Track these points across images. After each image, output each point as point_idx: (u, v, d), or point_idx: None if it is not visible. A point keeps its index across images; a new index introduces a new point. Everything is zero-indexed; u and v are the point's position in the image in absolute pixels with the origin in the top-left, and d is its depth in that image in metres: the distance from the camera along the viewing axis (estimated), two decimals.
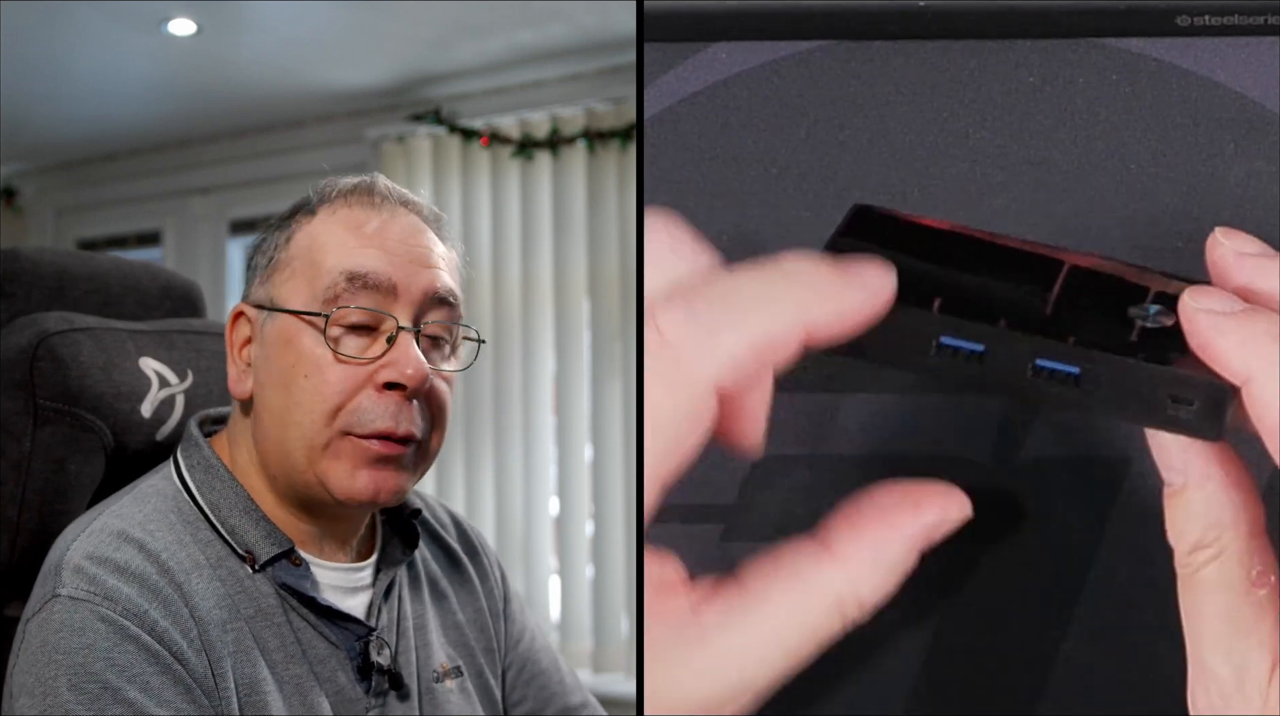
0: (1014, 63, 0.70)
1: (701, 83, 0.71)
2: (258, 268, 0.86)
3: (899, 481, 0.60)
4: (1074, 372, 0.59)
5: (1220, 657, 0.59)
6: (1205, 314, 0.58)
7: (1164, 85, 0.70)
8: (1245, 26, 0.69)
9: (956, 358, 0.60)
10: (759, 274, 0.59)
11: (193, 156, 3.61)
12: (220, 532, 0.82)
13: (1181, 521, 0.60)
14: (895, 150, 0.71)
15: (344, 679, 0.83)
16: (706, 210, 0.71)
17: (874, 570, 0.58)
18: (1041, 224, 0.70)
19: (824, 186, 0.71)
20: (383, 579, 0.89)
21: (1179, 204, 0.70)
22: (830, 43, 0.71)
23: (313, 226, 0.84)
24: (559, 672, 1.02)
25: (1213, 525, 0.59)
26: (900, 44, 0.70)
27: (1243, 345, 0.57)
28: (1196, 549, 0.59)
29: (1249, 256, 0.60)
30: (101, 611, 0.74)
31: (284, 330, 0.82)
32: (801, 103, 0.71)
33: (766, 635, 0.58)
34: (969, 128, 0.70)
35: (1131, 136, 0.70)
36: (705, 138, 0.71)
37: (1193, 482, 0.60)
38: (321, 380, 0.80)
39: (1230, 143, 0.70)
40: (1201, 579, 0.59)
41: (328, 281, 0.81)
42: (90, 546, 0.77)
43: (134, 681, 0.73)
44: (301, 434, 0.81)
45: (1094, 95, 0.70)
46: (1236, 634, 0.58)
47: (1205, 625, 0.59)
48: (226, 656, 0.78)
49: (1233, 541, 0.59)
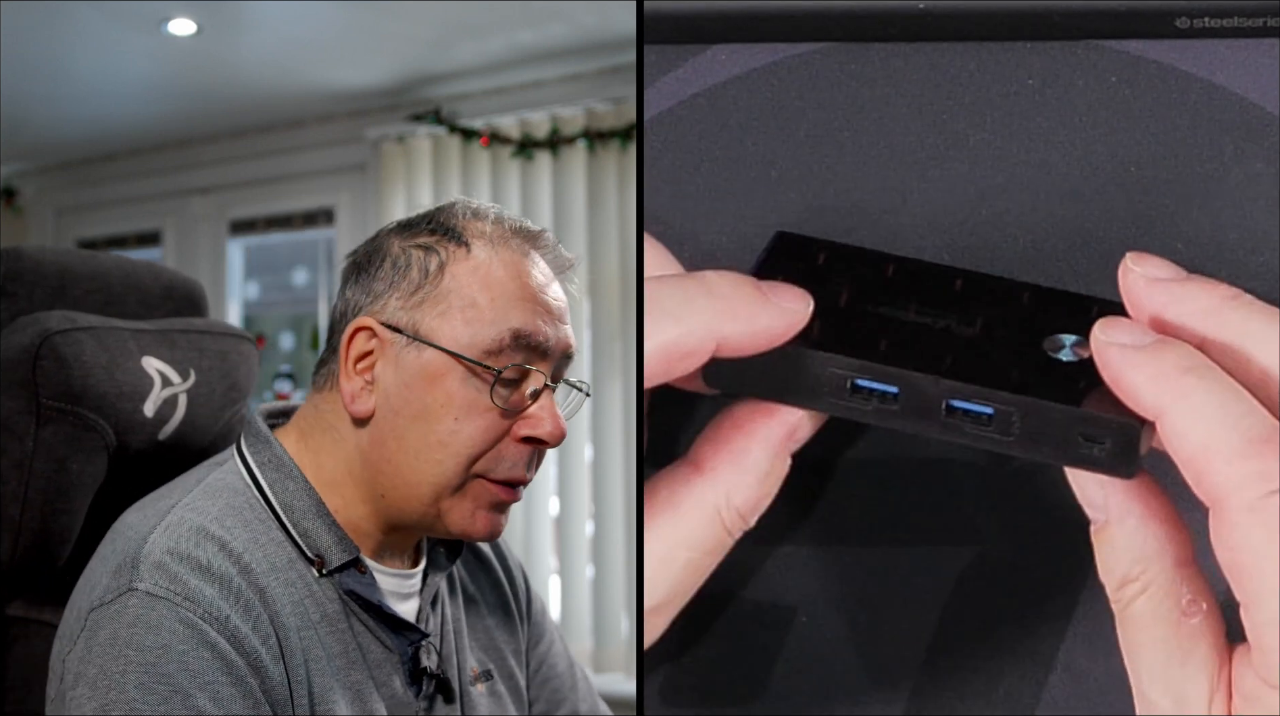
0: (1013, 65, 0.70)
1: (701, 84, 0.71)
2: (391, 284, 0.83)
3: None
4: (987, 413, 0.60)
5: (1159, 689, 0.59)
6: (1116, 348, 0.59)
7: (1163, 87, 0.70)
8: (1244, 29, 0.70)
9: (871, 398, 0.61)
10: (681, 284, 0.63)
11: (193, 156, 3.61)
12: (291, 534, 0.82)
13: (1108, 558, 0.60)
14: (895, 152, 0.71)
15: (398, 683, 0.84)
16: (706, 211, 0.71)
17: (741, 476, 0.63)
18: (1041, 225, 0.70)
19: (824, 188, 0.71)
20: (430, 585, 0.89)
21: (1179, 206, 0.70)
22: (830, 45, 0.71)
23: (472, 265, 0.83)
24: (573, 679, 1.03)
25: (1137, 559, 0.60)
26: (899, 46, 0.70)
27: (1154, 381, 0.58)
28: (1124, 584, 0.60)
29: (1160, 282, 0.60)
30: (181, 612, 0.73)
31: (433, 365, 0.81)
32: (801, 105, 0.71)
33: (661, 554, 0.64)
34: (968, 130, 0.71)
35: (1131, 138, 0.70)
36: (705, 139, 0.71)
37: (1113, 519, 0.60)
38: (472, 426, 0.81)
39: (1230, 145, 0.70)
40: (1133, 613, 0.60)
41: (493, 333, 0.81)
42: (170, 541, 0.76)
43: (205, 689, 0.72)
44: (441, 472, 0.81)
45: (1094, 97, 0.70)
46: (1171, 664, 0.59)
47: (1142, 658, 0.60)
48: (301, 663, 0.78)
49: (1159, 574, 0.59)
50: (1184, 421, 0.57)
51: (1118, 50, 0.70)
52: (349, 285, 0.86)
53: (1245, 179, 0.70)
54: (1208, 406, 0.57)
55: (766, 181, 0.71)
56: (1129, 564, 0.60)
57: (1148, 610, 0.59)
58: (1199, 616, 0.59)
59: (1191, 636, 0.59)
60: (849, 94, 0.71)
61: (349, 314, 0.84)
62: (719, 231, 0.71)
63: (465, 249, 0.83)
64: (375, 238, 0.87)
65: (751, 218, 0.71)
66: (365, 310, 0.83)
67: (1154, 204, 0.70)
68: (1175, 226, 0.70)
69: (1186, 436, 0.57)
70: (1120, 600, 0.60)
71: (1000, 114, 0.71)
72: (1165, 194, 0.70)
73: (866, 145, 0.71)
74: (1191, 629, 0.59)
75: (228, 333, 1.02)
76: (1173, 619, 0.59)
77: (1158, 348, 0.59)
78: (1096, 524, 0.61)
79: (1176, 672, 0.59)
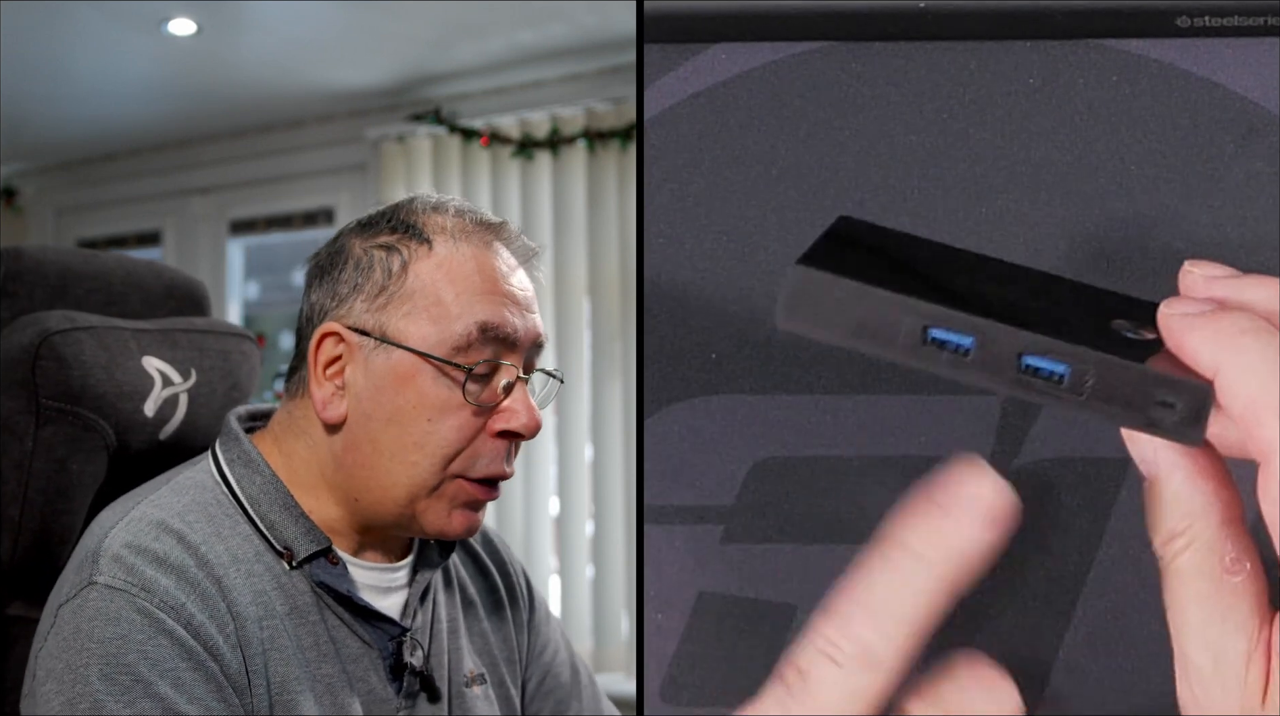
0: (1014, 64, 0.70)
1: (702, 84, 0.71)
2: (355, 286, 0.83)
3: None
4: (1060, 371, 0.59)
5: (1198, 646, 0.59)
6: (1178, 317, 0.60)
7: (1164, 86, 0.70)
8: (1245, 28, 0.70)
9: (944, 350, 0.60)
10: None
11: (193, 156, 3.61)
12: (259, 527, 0.82)
13: (1155, 512, 0.61)
14: (895, 151, 0.71)
15: (375, 679, 0.83)
16: (706, 211, 0.71)
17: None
18: (1041, 225, 0.70)
19: (824, 187, 0.71)
20: (420, 580, 0.89)
21: (1179, 206, 0.70)
22: (830, 44, 0.71)
23: (435, 261, 0.82)
24: (578, 686, 1.02)
25: (1184, 514, 0.60)
26: (900, 45, 0.70)
27: (1212, 340, 0.58)
28: (1170, 538, 0.60)
29: (1219, 278, 0.62)
30: (138, 602, 0.74)
31: (401, 367, 0.81)
32: (801, 104, 0.71)
33: None
34: (969, 129, 0.71)
35: (1131, 137, 0.70)
36: (705, 138, 0.71)
37: (1162, 473, 0.61)
38: (446, 426, 0.81)
39: (1230, 144, 0.70)
40: (1177, 568, 0.60)
41: (460, 329, 0.81)
42: (129, 535, 0.77)
43: (166, 675, 0.73)
44: (417, 473, 0.81)
45: (1094, 96, 0.70)
46: (1211, 621, 0.59)
47: (1183, 614, 0.60)
48: (261, 653, 0.78)
49: (1204, 530, 0.60)
50: (1238, 376, 0.57)
51: (1118, 49, 0.70)
52: (313, 288, 0.85)
53: (1245, 179, 0.70)
54: (1262, 363, 0.57)
55: (766, 181, 0.71)
56: (1176, 518, 0.60)
57: (1191, 565, 0.60)
58: (1241, 575, 0.59)
59: (1233, 594, 0.59)
60: (849, 94, 0.71)
61: (315, 318, 0.84)
62: (719, 231, 0.71)
63: (427, 246, 0.83)
64: (337, 238, 0.86)
65: (752, 217, 0.71)
66: (331, 314, 0.83)
67: (1154, 204, 0.70)
68: (1175, 226, 0.70)
69: (1239, 391, 0.57)
70: (1166, 555, 0.61)
71: (1000, 114, 0.71)
72: (1165, 194, 0.70)
73: (867, 144, 0.71)
74: (1234, 587, 0.59)
75: (229, 332, 1.02)
76: (1215, 575, 0.59)
77: (1217, 312, 0.59)
78: (1147, 479, 0.61)
79: (1216, 629, 0.59)
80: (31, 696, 0.75)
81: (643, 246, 0.70)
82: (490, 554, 1.02)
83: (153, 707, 0.72)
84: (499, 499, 0.88)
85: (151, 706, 0.72)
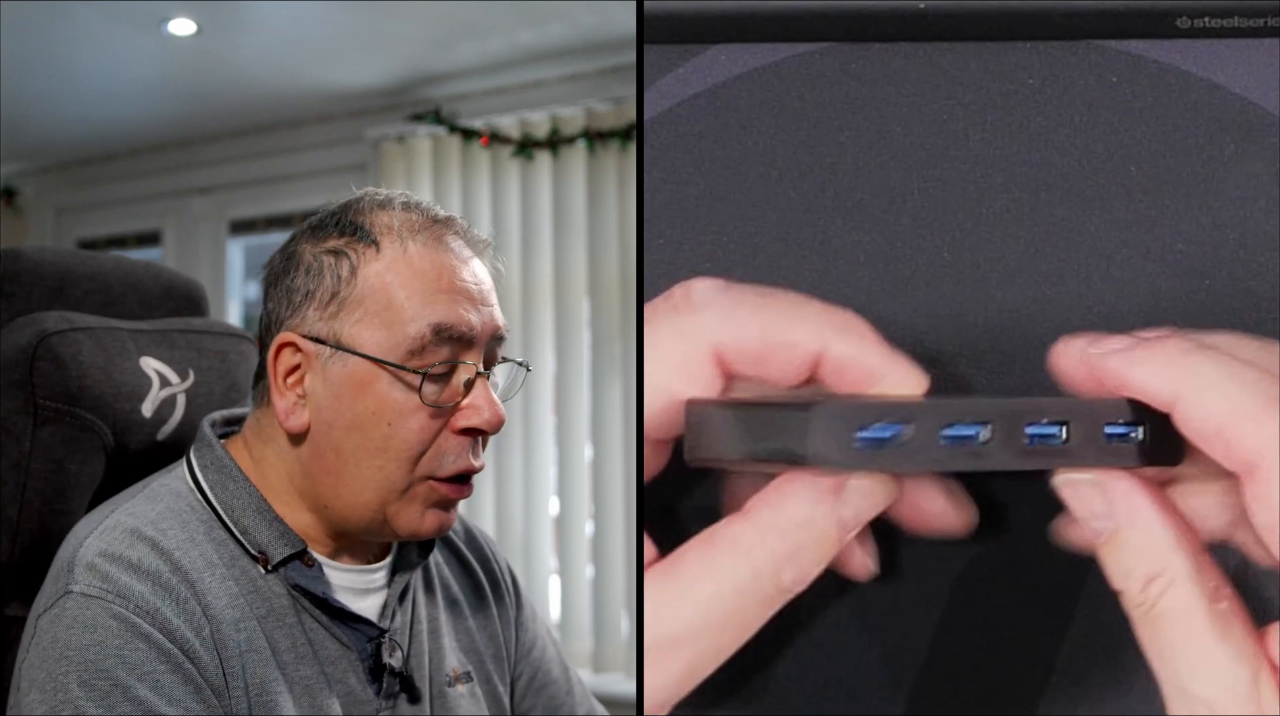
0: (1014, 65, 0.70)
1: (702, 84, 0.71)
2: (308, 294, 0.82)
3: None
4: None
5: (1204, 681, 0.58)
6: (1113, 354, 0.59)
7: (1164, 87, 0.70)
8: (1245, 29, 0.70)
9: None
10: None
11: (193, 156, 3.61)
12: (233, 532, 0.83)
13: (1127, 561, 0.59)
14: (895, 152, 0.71)
15: (354, 680, 0.83)
16: (706, 212, 0.71)
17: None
18: (1040, 227, 0.70)
19: (824, 188, 0.71)
20: (398, 581, 0.89)
21: (1179, 206, 0.70)
22: (830, 45, 0.71)
23: (383, 264, 0.81)
24: (569, 683, 1.02)
25: (1159, 555, 0.59)
26: (900, 46, 0.70)
27: (1164, 368, 0.58)
28: (1148, 582, 0.59)
29: (1112, 353, 0.60)
30: (114, 608, 0.74)
31: (358, 374, 0.81)
32: (802, 105, 0.71)
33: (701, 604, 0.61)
34: (969, 130, 0.71)
35: (1131, 138, 0.70)
36: (705, 139, 0.71)
37: (1123, 522, 0.59)
38: (407, 429, 0.81)
39: (1230, 145, 0.70)
40: (1162, 610, 0.59)
41: (413, 332, 0.80)
42: (103, 543, 0.78)
43: (144, 679, 0.73)
44: (384, 477, 0.81)
45: (1094, 97, 0.70)
46: (1213, 651, 0.58)
47: (1178, 654, 0.59)
48: (238, 656, 0.78)
49: (1182, 563, 0.59)
50: (1204, 395, 0.57)
51: (1118, 50, 0.70)
52: (270, 296, 0.85)
53: (1245, 179, 0.70)
54: (1223, 377, 0.57)
55: (766, 182, 0.71)
56: (1151, 561, 0.59)
57: (1179, 602, 0.59)
58: (1225, 601, 0.59)
59: (1224, 620, 0.58)
60: (849, 94, 0.71)
61: (273, 327, 0.84)
62: (719, 231, 0.71)
63: (374, 248, 0.82)
64: (289, 242, 0.86)
65: (751, 217, 0.71)
66: (286, 324, 0.83)
67: (1154, 204, 0.70)
68: (1175, 226, 0.70)
69: (1209, 410, 0.57)
70: (1146, 601, 0.59)
71: (1000, 114, 0.70)
72: (1165, 194, 0.70)
73: (867, 145, 0.71)
74: (1222, 613, 0.58)
75: (227, 332, 1.02)
76: (1204, 607, 0.58)
77: (1155, 341, 0.59)
78: (1104, 534, 0.60)
79: (1219, 659, 0.58)
80: (17, 708, 0.75)
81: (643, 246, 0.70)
82: (474, 551, 1.01)
83: (133, 710, 0.72)
84: (499, 499, 0.88)
85: (131, 709, 0.72)
